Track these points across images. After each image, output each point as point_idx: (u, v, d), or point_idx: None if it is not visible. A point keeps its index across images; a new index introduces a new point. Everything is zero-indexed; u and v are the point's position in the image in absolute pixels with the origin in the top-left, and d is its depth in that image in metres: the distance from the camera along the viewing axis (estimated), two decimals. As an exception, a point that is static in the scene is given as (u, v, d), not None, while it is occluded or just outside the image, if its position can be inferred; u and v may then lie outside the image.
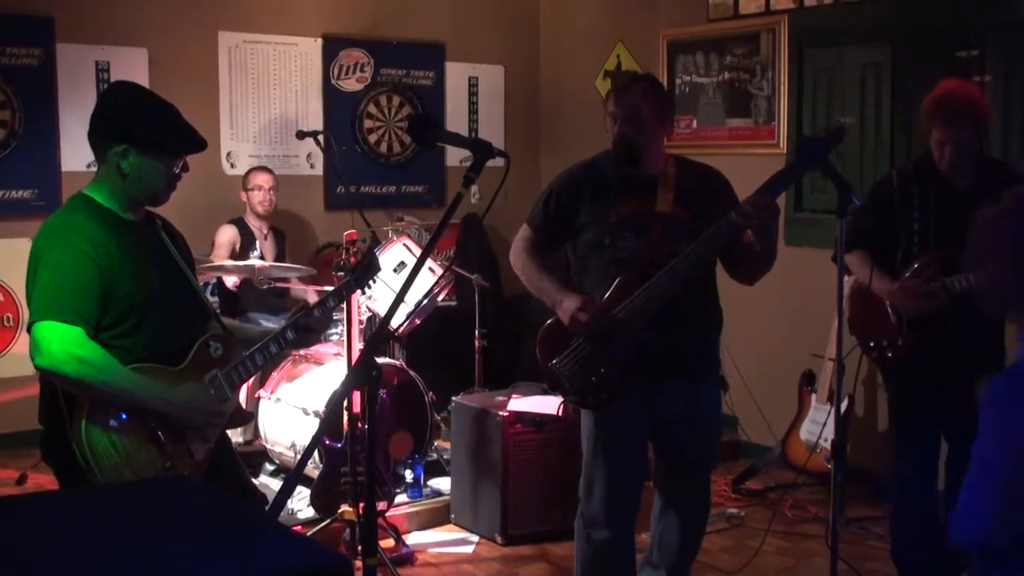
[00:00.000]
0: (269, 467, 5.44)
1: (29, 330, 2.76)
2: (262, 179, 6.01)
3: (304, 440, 4.98)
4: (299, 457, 4.86)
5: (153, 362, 2.85)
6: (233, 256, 5.81)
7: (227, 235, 5.93)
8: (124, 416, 2.78)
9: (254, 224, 6.01)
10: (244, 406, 4.42)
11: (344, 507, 4.48)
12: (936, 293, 3.69)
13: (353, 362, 4.34)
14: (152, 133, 2.88)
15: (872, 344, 3.96)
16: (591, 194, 3.44)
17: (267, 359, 3.08)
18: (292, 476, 2.53)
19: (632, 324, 3.28)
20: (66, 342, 2.70)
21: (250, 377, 3.13)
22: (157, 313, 2.88)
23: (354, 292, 3.92)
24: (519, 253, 3.57)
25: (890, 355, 3.92)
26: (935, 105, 3.75)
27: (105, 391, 2.74)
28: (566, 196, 3.48)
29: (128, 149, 2.84)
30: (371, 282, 3.46)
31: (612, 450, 3.47)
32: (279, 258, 6.08)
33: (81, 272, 2.76)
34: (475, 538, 4.85)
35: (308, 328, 3.14)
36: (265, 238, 6.04)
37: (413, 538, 4.84)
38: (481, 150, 2.57)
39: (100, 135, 2.89)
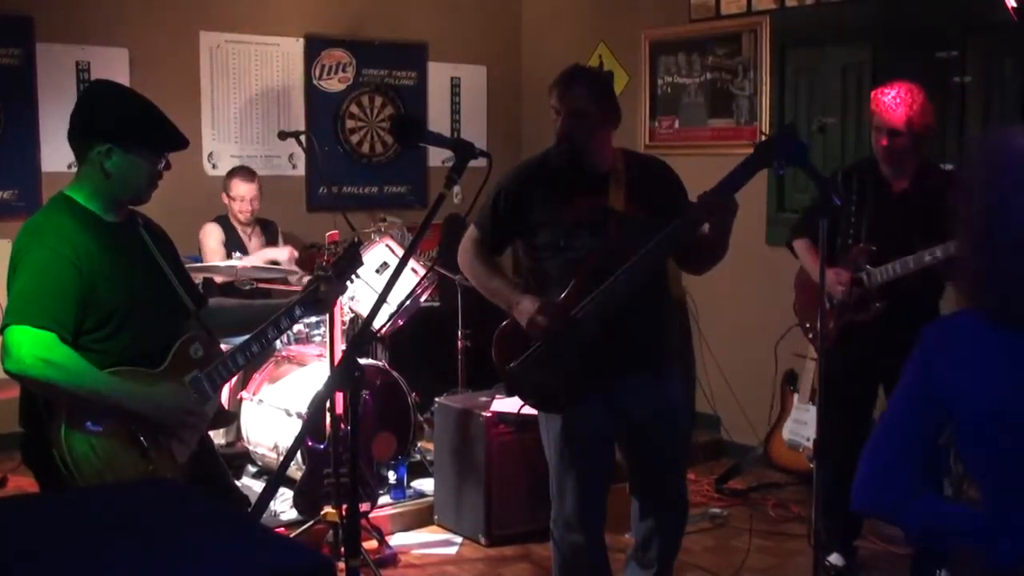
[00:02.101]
0: (251, 469, 5.42)
1: (2, 334, 2.74)
2: (243, 189, 5.88)
3: (287, 441, 4.97)
4: (282, 458, 4.84)
5: (133, 365, 2.83)
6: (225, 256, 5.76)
7: (215, 236, 5.86)
8: (104, 420, 2.76)
9: (237, 225, 5.97)
10: (226, 407, 4.42)
11: (327, 508, 4.47)
12: (858, 282, 4.03)
13: (336, 363, 4.33)
14: (136, 131, 2.86)
15: (807, 326, 4.42)
16: (541, 193, 3.37)
17: (248, 359, 3.07)
18: (275, 477, 2.52)
19: (592, 325, 3.22)
20: (36, 347, 2.67)
21: (232, 377, 3.12)
22: (138, 316, 2.86)
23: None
24: (467, 255, 3.49)
25: None
26: (880, 92, 4.06)
27: (78, 394, 2.71)
28: (515, 196, 3.40)
29: (112, 148, 2.82)
30: (353, 276, 3.44)
31: (581, 455, 3.41)
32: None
33: (59, 276, 2.73)
34: (459, 539, 4.85)
35: (310, 305, 3.19)
36: (250, 238, 6.00)
37: (396, 539, 4.83)
38: (463, 150, 2.57)
39: (82, 135, 2.87)
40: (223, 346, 3.15)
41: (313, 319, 5.61)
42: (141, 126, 2.88)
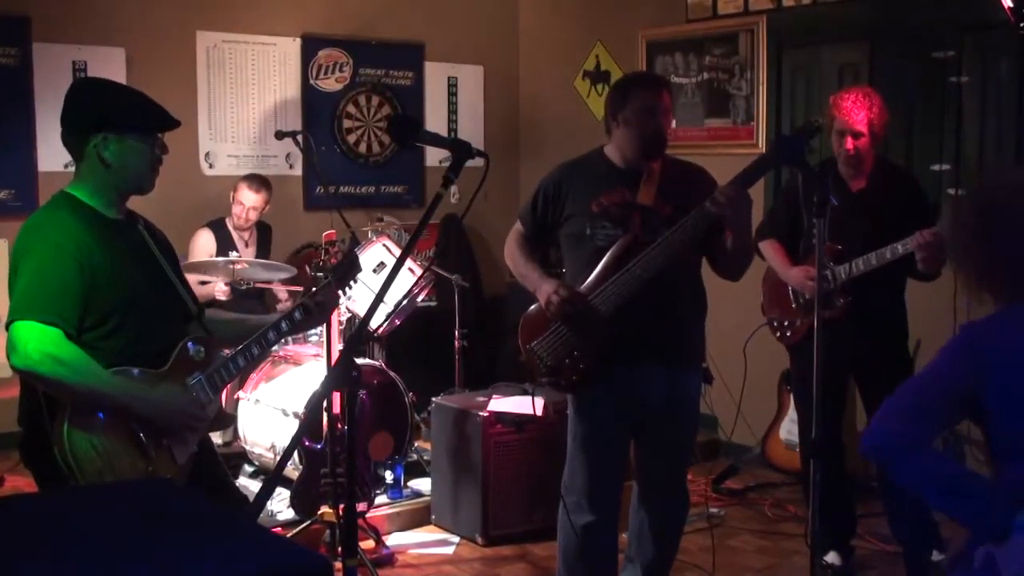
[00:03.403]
0: (248, 468, 5.42)
1: (7, 329, 2.74)
2: (247, 198, 5.83)
3: (284, 441, 4.96)
4: (279, 458, 4.84)
5: (135, 364, 2.83)
6: None
7: (203, 245, 5.84)
8: (106, 419, 2.75)
9: (233, 230, 5.94)
10: (224, 408, 4.41)
11: (324, 508, 4.47)
12: (823, 279, 4.06)
13: (333, 363, 4.33)
14: (128, 114, 2.87)
15: (776, 324, 4.51)
16: (576, 189, 3.55)
17: (249, 361, 3.07)
18: (272, 477, 2.51)
19: (605, 309, 3.39)
20: (43, 343, 2.67)
21: (232, 380, 3.11)
22: (139, 314, 2.85)
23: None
24: (510, 244, 3.75)
25: (789, 334, 4.44)
26: (840, 97, 4.16)
27: (82, 392, 2.71)
28: (552, 194, 3.60)
29: (107, 137, 2.82)
30: (352, 282, 3.46)
31: (593, 436, 3.55)
32: (262, 254, 6.02)
33: (63, 272, 2.73)
34: (456, 539, 4.85)
35: (310, 309, 3.17)
36: (246, 244, 5.98)
37: (393, 539, 4.83)
38: (460, 150, 2.58)
39: (75, 131, 2.87)
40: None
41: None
42: (130, 109, 2.89)
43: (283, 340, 5.46)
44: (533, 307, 3.60)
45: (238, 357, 3.02)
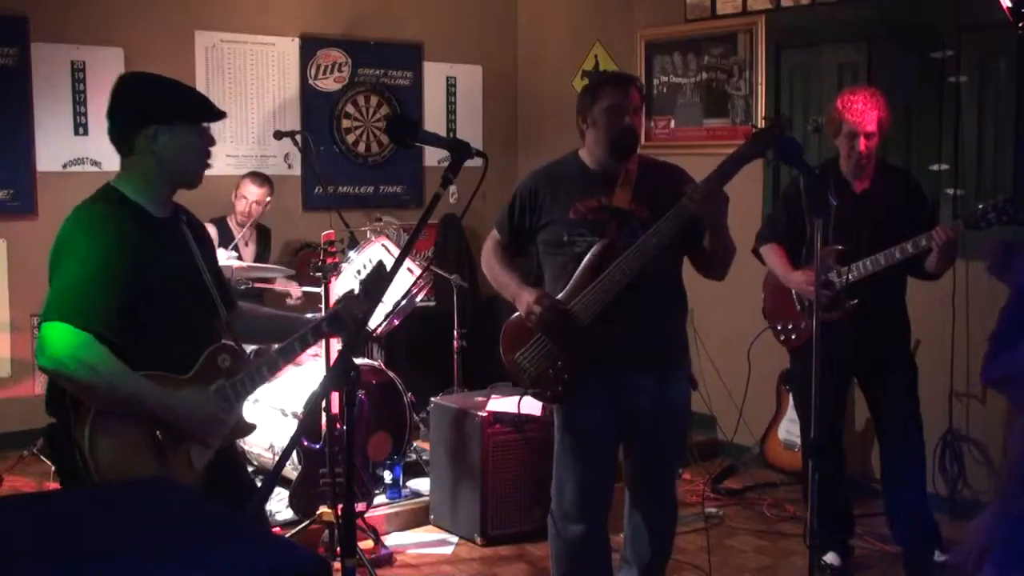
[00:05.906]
0: (247, 468, 5.41)
1: (38, 326, 2.71)
2: (251, 192, 5.89)
3: (282, 441, 4.96)
4: (277, 459, 4.84)
5: (162, 370, 2.79)
6: None
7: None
8: (127, 422, 2.72)
9: (235, 227, 5.95)
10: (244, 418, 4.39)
11: (323, 508, 4.47)
12: (828, 284, 4.11)
13: (331, 363, 4.33)
14: (177, 104, 2.86)
15: (779, 328, 4.49)
16: (553, 194, 3.50)
17: (274, 371, 3.02)
18: (270, 478, 2.50)
19: (586, 316, 3.35)
20: (73, 346, 2.62)
21: (256, 389, 3.05)
22: (174, 317, 2.82)
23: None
24: (487, 253, 3.69)
25: (794, 338, 4.43)
26: (847, 99, 4.15)
27: (109, 396, 2.67)
28: (528, 200, 3.55)
29: (158, 129, 2.80)
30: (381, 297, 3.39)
31: (581, 445, 3.51)
32: (261, 257, 6.03)
33: (105, 272, 2.68)
34: (454, 539, 4.85)
35: (341, 321, 3.09)
36: (246, 243, 5.99)
37: (392, 539, 4.83)
38: (459, 150, 2.58)
39: (124, 126, 2.84)
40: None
41: (308, 316, 5.60)
42: (178, 99, 2.88)
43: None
44: (514, 316, 3.54)
45: (264, 368, 2.97)
